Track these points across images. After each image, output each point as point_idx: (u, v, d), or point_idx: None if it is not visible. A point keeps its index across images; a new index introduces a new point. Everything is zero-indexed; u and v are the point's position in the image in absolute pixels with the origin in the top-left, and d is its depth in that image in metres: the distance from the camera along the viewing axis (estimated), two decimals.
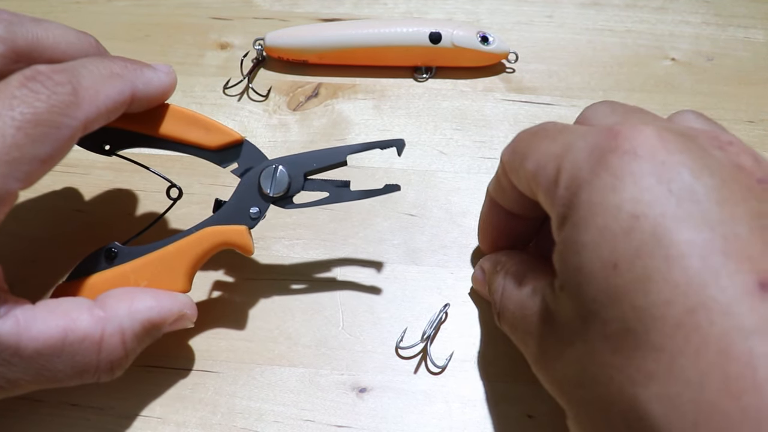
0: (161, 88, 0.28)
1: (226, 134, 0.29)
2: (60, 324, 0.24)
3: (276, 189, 0.29)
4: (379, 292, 0.32)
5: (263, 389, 0.30)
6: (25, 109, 0.22)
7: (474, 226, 0.35)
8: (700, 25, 0.44)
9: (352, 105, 0.39)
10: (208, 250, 0.29)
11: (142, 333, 0.26)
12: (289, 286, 0.33)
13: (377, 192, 0.30)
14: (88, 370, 0.25)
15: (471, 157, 0.37)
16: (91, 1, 0.44)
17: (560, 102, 0.40)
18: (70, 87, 0.24)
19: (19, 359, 0.23)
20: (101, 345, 0.25)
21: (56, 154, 0.24)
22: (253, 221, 0.29)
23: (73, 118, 0.24)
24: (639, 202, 0.20)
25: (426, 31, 0.39)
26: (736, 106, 0.39)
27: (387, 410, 0.29)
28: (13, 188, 0.23)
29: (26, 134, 0.22)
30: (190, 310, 0.28)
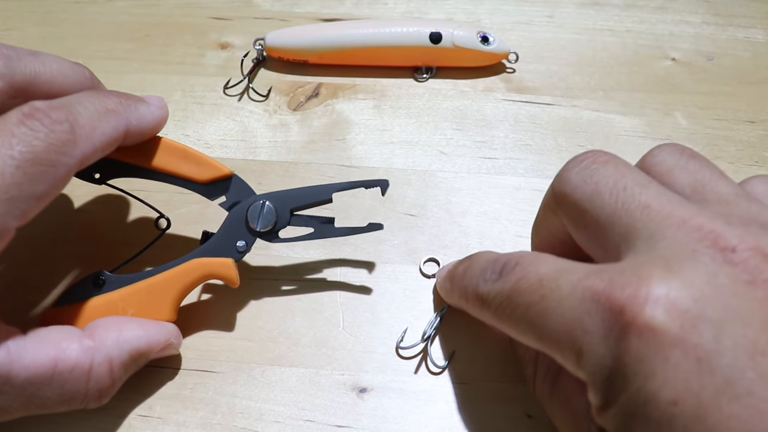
0: (154, 122, 0.29)
1: (215, 169, 0.30)
2: (50, 354, 0.25)
3: (263, 224, 0.30)
4: (379, 292, 0.32)
5: (263, 389, 0.30)
6: (23, 148, 0.23)
7: (474, 226, 0.35)
8: (700, 25, 0.44)
9: (352, 105, 0.39)
10: (194, 281, 0.29)
11: (129, 362, 0.27)
12: (289, 286, 0.33)
13: (360, 230, 0.31)
14: (76, 398, 0.26)
15: (471, 157, 0.37)
16: (91, 1, 0.44)
17: (560, 102, 0.40)
18: (68, 125, 0.24)
19: (10, 388, 0.24)
20: (90, 374, 0.26)
21: (52, 191, 0.24)
22: (239, 254, 0.30)
23: (70, 156, 0.24)
24: (672, 383, 0.18)
25: (426, 31, 0.39)
26: (736, 106, 0.39)
27: (387, 410, 0.29)
28: (11, 226, 0.23)
29: (24, 173, 0.23)
30: (176, 339, 0.29)
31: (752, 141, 0.38)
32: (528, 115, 0.39)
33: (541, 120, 0.39)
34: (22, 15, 0.43)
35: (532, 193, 0.36)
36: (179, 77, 0.41)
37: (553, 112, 0.39)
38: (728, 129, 0.39)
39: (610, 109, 0.39)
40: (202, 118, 0.39)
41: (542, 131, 0.38)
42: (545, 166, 0.37)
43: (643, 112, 0.39)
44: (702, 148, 0.38)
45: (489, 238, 0.34)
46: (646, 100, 0.40)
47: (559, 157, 0.37)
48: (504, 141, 0.38)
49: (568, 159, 0.37)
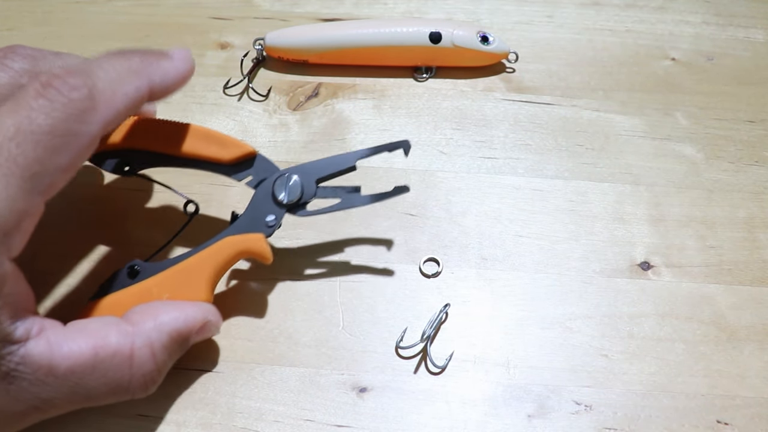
0: (177, 77, 0.28)
1: (239, 147, 0.30)
2: (90, 342, 0.25)
3: (290, 196, 0.30)
4: (379, 292, 0.32)
5: (263, 389, 0.30)
6: (42, 121, 0.22)
7: (474, 226, 0.35)
8: (700, 25, 0.44)
9: (352, 105, 0.39)
10: (227, 260, 0.29)
11: (170, 344, 0.27)
12: (289, 286, 0.33)
13: (387, 195, 0.31)
14: (121, 385, 0.25)
15: (471, 157, 0.37)
16: (91, 1, 0.44)
17: (560, 102, 0.40)
18: (86, 91, 0.24)
19: (53, 378, 0.24)
20: (132, 359, 0.25)
21: (77, 161, 0.24)
22: (269, 229, 0.30)
23: (91, 123, 0.24)
24: None
25: (426, 31, 0.39)
26: (736, 106, 0.39)
27: (387, 410, 0.29)
28: (38, 201, 0.23)
29: (45, 147, 0.22)
30: (213, 316, 0.29)
31: (752, 141, 0.38)
32: (528, 115, 0.39)
33: (541, 120, 0.39)
34: (22, 15, 0.43)
35: (532, 193, 0.36)
36: None
37: (553, 111, 0.39)
38: (728, 129, 0.39)
39: (610, 108, 0.39)
40: (202, 118, 0.39)
41: (542, 131, 0.38)
42: (545, 166, 0.37)
43: (642, 112, 0.39)
44: (702, 148, 0.38)
45: (489, 238, 0.34)
46: (646, 100, 0.40)
47: (559, 156, 0.37)
48: (504, 141, 0.38)
49: (568, 158, 0.37)
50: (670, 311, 0.32)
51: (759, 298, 0.33)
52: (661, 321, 0.32)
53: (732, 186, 0.36)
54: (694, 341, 0.31)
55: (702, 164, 0.37)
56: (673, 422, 0.29)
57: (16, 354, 0.23)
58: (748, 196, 0.36)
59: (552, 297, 0.32)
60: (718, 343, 0.31)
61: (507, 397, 0.30)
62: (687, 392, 0.30)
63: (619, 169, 0.37)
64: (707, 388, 0.30)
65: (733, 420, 0.29)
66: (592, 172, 0.37)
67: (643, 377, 0.30)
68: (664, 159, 0.37)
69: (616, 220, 0.35)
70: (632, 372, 0.30)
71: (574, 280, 0.33)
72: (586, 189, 0.36)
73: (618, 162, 0.37)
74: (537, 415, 0.29)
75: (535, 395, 0.30)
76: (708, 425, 0.29)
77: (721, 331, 0.32)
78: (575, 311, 0.32)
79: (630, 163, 0.37)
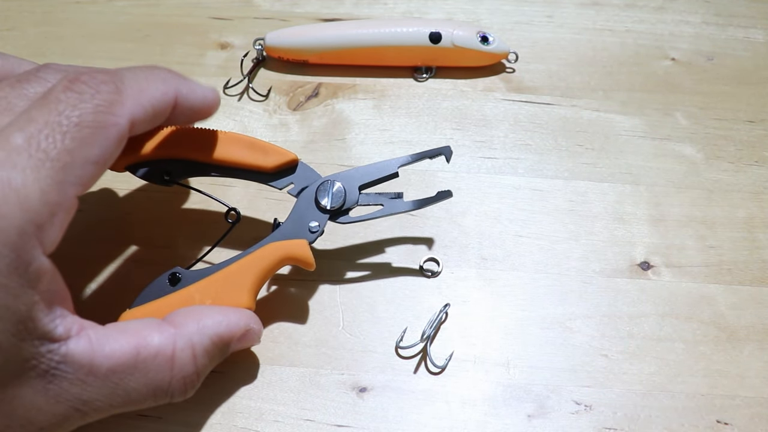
0: (206, 99, 0.28)
1: (281, 154, 0.30)
2: (132, 342, 0.24)
3: (333, 202, 0.30)
4: (379, 292, 0.32)
5: (263, 389, 0.30)
6: (71, 112, 0.23)
7: (474, 226, 0.35)
8: (700, 25, 0.44)
9: (352, 105, 0.39)
10: (270, 266, 0.29)
11: (211, 348, 0.27)
12: (290, 286, 0.33)
13: (430, 200, 0.31)
14: (162, 387, 0.25)
15: (471, 157, 0.37)
16: (91, 1, 0.44)
17: (560, 102, 0.40)
18: (113, 86, 0.24)
19: (94, 378, 0.23)
20: (174, 361, 0.25)
21: (107, 155, 0.24)
22: (312, 235, 0.30)
23: (119, 115, 0.24)
24: None
25: (426, 31, 0.39)
26: (736, 106, 0.39)
27: (387, 410, 0.29)
28: (70, 193, 0.23)
29: (74, 138, 0.22)
30: (256, 324, 0.29)
31: (752, 141, 0.38)
32: (528, 115, 0.39)
33: (541, 120, 0.39)
34: (22, 15, 0.43)
35: (532, 193, 0.36)
36: None
37: (553, 111, 0.39)
38: (728, 129, 0.39)
39: (610, 108, 0.39)
40: None
41: (542, 131, 0.38)
42: (545, 166, 0.37)
43: (642, 112, 0.39)
44: (702, 148, 0.38)
45: (489, 238, 0.34)
46: (646, 100, 0.40)
47: (559, 156, 0.37)
48: (504, 141, 0.38)
49: (568, 158, 0.37)
50: (670, 311, 0.32)
51: (759, 298, 0.33)
52: (661, 321, 0.32)
53: (732, 186, 0.36)
54: (694, 341, 0.31)
55: (702, 164, 0.37)
56: (673, 422, 0.29)
57: (57, 352, 0.23)
58: (748, 196, 0.36)
59: (552, 297, 0.32)
60: (717, 342, 0.31)
61: (507, 397, 0.30)
62: (687, 392, 0.30)
63: (619, 169, 0.37)
64: (707, 388, 0.30)
65: (733, 420, 0.29)
66: (592, 172, 0.37)
67: (643, 377, 0.30)
68: (664, 159, 0.37)
69: (616, 220, 0.35)
70: (632, 372, 0.30)
71: (574, 280, 0.33)
72: (586, 189, 0.36)
73: (618, 162, 0.37)
74: (537, 415, 0.29)
75: (535, 395, 0.30)
76: (708, 425, 0.29)
77: (721, 331, 0.32)
78: (575, 311, 0.32)
79: (630, 163, 0.37)
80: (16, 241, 0.21)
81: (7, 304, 0.21)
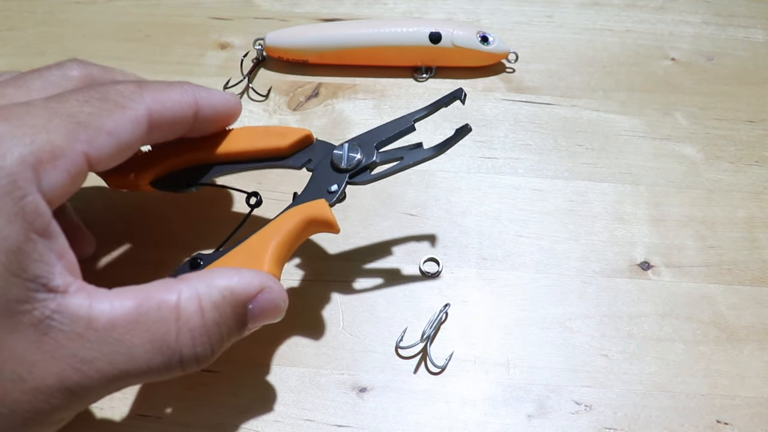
0: (226, 104, 0.29)
1: (296, 132, 0.30)
2: (132, 295, 0.23)
3: (350, 161, 0.29)
4: (379, 292, 0.32)
5: (263, 389, 0.30)
6: (93, 91, 0.24)
7: (474, 226, 0.35)
8: (700, 25, 0.44)
9: (352, 105, 0.39)
10: (292, 231, 0.28)
11: (221, 303, 0.24)
12: (290, 286, 0.33)
13: (451, 140, 0.29)
14: (168, 342, 0.23)
15: (471, 157, 0.37)
16: (91, 1, 0.44)
17: (560, 102, 0.40)
18: (135, 85, 0.25)
19: (93, 332, 0.22)
20: (179, 311, 0.23)
21: (121, 131, 0.24)
22: (331, 195, 0.29)
23: (138, 102, 0.25)
24: None
25: (426, 31, 0.39)
26: (736, 106, 0.39)
27: (387, 410, 0.29)
28: (77, 148, 0.23)
29: (93, 105, 0.24)
30: (275, 285, 0.26)
31: (752, 141, 0.38)
32: (528, 115, 0.39)
33: (541, 120, 0.39)
34: (22, 15, 0.43)
35: (532, 193, 0.36)
36: (179, 77, 0.40)
37: (553, 111, 0.39)
38: (728, 129, 0.39)
39: (610, 108, 0.39)
40: None
41: (542, 131, 0.38)
42: (545, 166, 0.37)
43: (642, 112, 0.39)
44: (702, 148, 0.38)
45: (489, 238, 0.34)
46: (646, 100, 0.40)
47: (559, 156, 0.37)
48: (504, 141, 0.38)
49: (568, 158, 0.37)
50: (670, 311, 0.32)
51: (759, 298, 0.33)
52: (661, 321, 0.32)
53: (732, 186, 0.36)
54: (694, 341, 0.31)
55: (702, 164, 0.37)
56: (673, 422, 0.29)
57: (52, 301, 0.21)
58: (748, 196, 0.36)
59: (552, 297, 0.32)
60: (717, 342, 0.31)
61: (507, 397, 0.30)
62: (687, 392, 0.30)
63: (619, 169, 0.37)
64: (707, 388, 0.30)
65: (733, 420, 0.29)
66: (592, 172, 0.37)
67: (643, 377, 0.30)
68: (664, 159, 0.37)
69: (616, 220, 0.35)
70: (632, 372, 0.30)
71: (574, 280, 0.33)
72: (586, 189, 0.36)
73: (618, 162, 0.37)
74: (537, 415, 0.29)
75: (535, 395, 0.30)
76: (708, 425, 0.29)
77: (721, 331, 0.32)
78: (575, 311, 0.32)
79: (630, 163, 0.37)
80: (13, 165, 0.21)
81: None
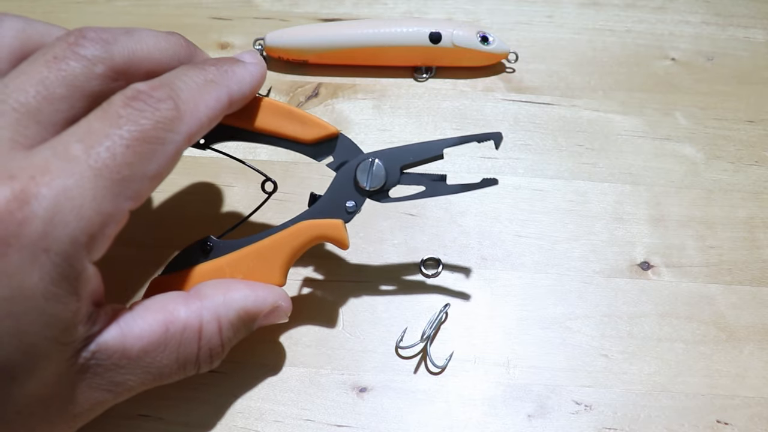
0: (254, 82, 0.28)
1: (321, 127, 0.29)
2: (159, 318, 0.25)
3: (373, 183, 0.29)
4: (379, 292, 0.32)
5: (263, 389, 0.30)
6: (131, 127, 0.22)
7: (474, 226, 0.35)
8: (700, 25, 0.44)
9: (352, 105, 0.39)
10: (303, 244, 0.29)
11: (237, 322, 0.27)
12: (290, 286, 0.33)
13: (474, 186, 0.30)
14: (190, 360, 0.26)
15: (471, 157, 0.37)
16: (91, 1, 0.44)
17: (560, 102, 0.40)
18: (172, 103, 0.24)
19: (127, 361, 0.24)
20: (201, 333, 0.26)
21: (163, 171, 0.24)
22: (349, 215, 0.29)
23: (178, 132, 0.24)
24: None
25: (426, 31, 0.39)
26: (736, 106, 0.39)
27: (387, 410, 0.29)
28: (124, 207, 0.23)
29: (135, 152, 0.22)
30: (284, 302, 0.28)
31: (752, 141, 0.38)
32: (528, 115, 0.39)
33: (541, 120, 0.39)
34: (22, 15, 0.43)
35: (532, 193, 0.36)
36: None
37: (553, 111, 0.39)
38: (728, 129, 0.39)
39: (610, 108, 0.39)
40: None
41: (542, 131, 0.38)
42: (545, 166, 0.37)
43: (642, 112, 0.39)
44: (702, 148, 0.38)
45: (489, 238, 0.34)
46: (646, 100, 0.40)
47: (559, 156, 0.37)
48: (504, 141, 0.38)
49: (568, 158, 0.37)
50: (670, 311, 0.32)
51: (759, 298, 0.33)
52: (661, 321, 0.32)
53: (732, 186, 0.36)
54: (694, 341, 0.31)
55: (702, 164, 0.37)
56: (673, 422, 0.29)
57: (91, 344, 0.23)
58: (748, 196, 0.36)
59: (552, 297, 0.32)
60: (717, 342, 0.31)
61: (507, 397, 0.30)
62: (687, 392, 0.30)
63: (619, 169, 0.37)
64: (707, 388, 0.30)
65: (733, 420, 0.29)
66: (592, 172, 0.37)
67: (643, 377, 0.30)
68: (664, 159, 0.37)
69: (616, 220, 0.35)
70: (632, 372, 0.30)
71: (574, 280, 0.33)
72: (586, 189, 0.36)
73: (618, 162, 0.37)
74: (537, 415, 0.29)
75: (535, 395, 0.30)
76: (708, 425, 0.29)
77: (721, 331, 0.32)
78: (575, 311, 0.32)
79: (630, 163, 0.37)
80: (68, 249, 0.21)
81: (56, 312, 0.21)
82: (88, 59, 0.24)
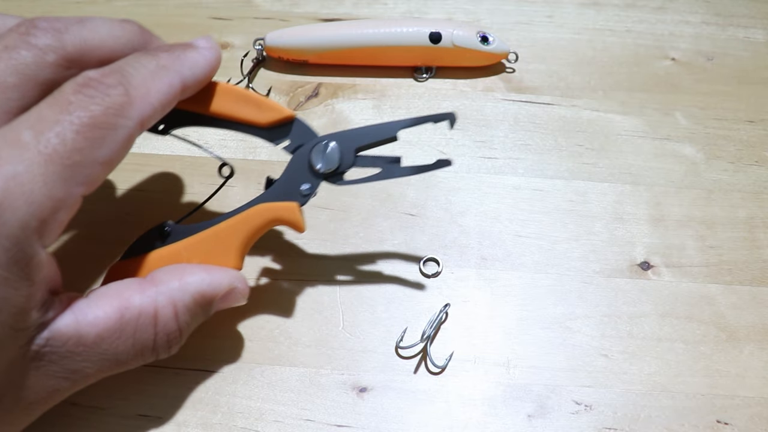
0: (207, 67, 0.28)
1: (277, 111, 0.29)
2: (114, 305, 0.25)
3: (327, 165, 0.29)
4: (379, 292, 0.32)
5: (263, 389, 0.30)
6: (82, 113, 0.23)
7: (474, 226, 0.35)
8: (700, 25, 0.44)
9: (352, 105, 0.39)
10: (259, 227, 0.29)
11: (193, 306, 0.27)
12: (290, 286, 0.33)
13: (428, 167, 0.30)
14: (147, 346, 0.26)
15: (471, 157, 0.37)
16: (91, 2, 0.44)
17: (560, 102, 0.40)
18: (122, 88, 0.24)
19: (83, 348, 0.24)
20: (156, 319, 0.26)
21: (115, 156, 0.24)
22: (304, 198, 0.29)
23: (129, 118, 0.24)
24: None
25: (426, 31, 0.39)
26: (736, 106, 0.39)
27: (387, 410, 0.29)
28: (76, 193, 0.23)
29: (85, 138, 0.23)
30: (240, 284, 0.28)
31: (752, 141, 0.38)
32: (528, 115, 0.39)
33: (541, 120, 0.39)
34: (22, 15, 0.43)
35: (532, 193, 0.36)
36: None
37: (553, 111, 0.39)
38: (728, 129, 0.39)
39: (610, 108, 0.39)
40: None
41: (542, 131, 0.38)
42: (545, 166, 0.37)
43: (642, 112, 0.39)
44: (702, 148, 0.38)
45: (489, 238, 0.34)
46: (646, 100, 0.40)
47: (559, 156, 0.37)
48: (504, 141, 0.38)
49: (568, 158, 0.37)
50: (670, 311, 0.32)
51: (759, 298, 0.33)
52: (661, 321, 0.32)
53: (732, 186, 0.36)
54: (694, 341, 0.31)
55: (702, 164, 0.37)
56: (673, 422, 0.29)
57: (45, 332, 0.23)
58: (748, 196, 0.36)
59: (552, 297, 0.32)
60: (718, 342, 0.31)
61: (507, 397, 0.30)
62: (687, 392, 0.30)
63: (619, 169, 0.37)
64: (707, 388, 0.30)
65: (733, 420, 0.29)
66: (592, 172, 0.37)
67: (643, 377, 0.30)
68: (664, 159, 0.37)
69: (616, 220, 0.35)
70: (632, 372, 0.30)
71: (574, 280, 0.33)
72: (586, 189, 0.36)
73: (618, 162, 0.37)
74: (537, 415, 0.29)
75: (535, 395, 0.30)
76: (708, 425, 0.29)
77: (721, 331, 0.32)
78: (575, 311, 0.32)
79: (630, 163, 0.37)
80: (19, 234, 0.21)
81: (7, 296, 0.21)
82: (39, 48, 0.24)
